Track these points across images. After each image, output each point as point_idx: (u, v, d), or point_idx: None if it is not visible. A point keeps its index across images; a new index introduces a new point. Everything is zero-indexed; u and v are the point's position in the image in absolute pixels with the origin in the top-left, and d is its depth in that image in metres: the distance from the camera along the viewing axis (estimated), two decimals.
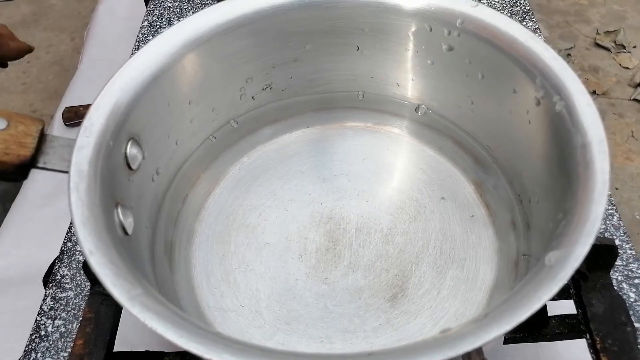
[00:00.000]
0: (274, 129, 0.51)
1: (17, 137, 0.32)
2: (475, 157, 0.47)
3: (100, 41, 0.85)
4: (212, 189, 0.48)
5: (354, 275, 0.42)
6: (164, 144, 0.43)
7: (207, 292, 0.42)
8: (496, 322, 0.26)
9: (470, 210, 0.45)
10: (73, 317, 0.47)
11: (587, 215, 0.30)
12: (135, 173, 0.39)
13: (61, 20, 1.79)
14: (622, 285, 0.47)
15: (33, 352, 0.45)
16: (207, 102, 0.46)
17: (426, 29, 0.44)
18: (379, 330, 0.40)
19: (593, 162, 0.32)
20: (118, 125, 0.37)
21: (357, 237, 0.44)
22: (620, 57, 1.54)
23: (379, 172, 0.48)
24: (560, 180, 0.35)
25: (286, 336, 0.40)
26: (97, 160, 0.34)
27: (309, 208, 0.46)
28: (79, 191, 0.32)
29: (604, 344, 0.40)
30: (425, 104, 0.49)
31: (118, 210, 0.35)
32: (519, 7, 0.71)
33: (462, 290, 0.41)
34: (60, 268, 0.50)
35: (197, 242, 0.45)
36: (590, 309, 0.42)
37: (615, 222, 0.50)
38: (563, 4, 1.73)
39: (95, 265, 0.28)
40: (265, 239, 0.45)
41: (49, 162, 0.34)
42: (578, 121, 0.34)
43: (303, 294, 0.42)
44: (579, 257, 0.28)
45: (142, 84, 0.39)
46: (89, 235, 0.30)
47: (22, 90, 1.58)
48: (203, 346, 0.25)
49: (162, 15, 0.76)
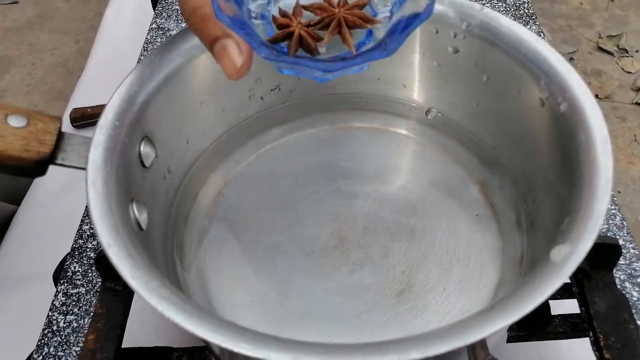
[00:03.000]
0: (282, 129, 0.52)
1: (36, 135, 0.33)
2: (481, 158, 0.48)
3: (106, 43, 0.86)
4: (222, 188, 0.49)
5: (361, 272, 0.43)
6: (175, 143, 0.44)
7: (217, 288, 0.43)
8: (502, 313, 0.27)
9: (476, 210, 0.46)
10: (84, 312, 0.48)
11: (590, 212, 0.31)
12: (148, 171, 0.40)
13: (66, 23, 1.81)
14: (625, 284, 0.47)
15: (46, 346, 0.46)
16: (218, 102, 0.47)
17: (432, 32, 0.45)
18: (386, 326, 0.40)
19: (597, 160, 0.33)
20: (133, 124, 0.38)
21: (364, 235, 0.45)
22: (623, 62, 1.55)
23: (386, 172, 0.49)
24: (564, 180, 0.36)
25: (295, 331, 0.41)
26: (113, 158, 0.35)
27: (317, 207, 0.47)
28: (96, 187, 0.33)
29: (607, 341, 0.41)
30: (432, 106, 0.50)
31: (133, 206, 0.36)
32: (523, 11, 0.72)
33: (467, 288, 0.42)
34: (71, 264, 0.51)
35: (207, 240, 0.46)
36: (593, 307, 0.43)
37: (618, 222, 0.51)
38: (566, 8, 1.74)
39: (113, 257, 0.29)
40: (274, 237, 0.46)
41: (67, 159, 0.35)
42: (582, 121, 0.35)
43: (311, 291, 0.42)
44: (582, 252, 0.29)
45: (156, 84, 0.40)
46: (106, 229, 0.31)
47: (27, 92, 1.59)
48: (221, 335, 0.26)
49: (171, 17, 0.77)
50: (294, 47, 0.33)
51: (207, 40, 0.32)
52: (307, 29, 0.33)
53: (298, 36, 0.32)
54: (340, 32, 0.33)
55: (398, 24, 0.33)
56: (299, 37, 0.32)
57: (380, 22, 0.34)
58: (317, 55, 0.33)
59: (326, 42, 0.33)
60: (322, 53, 0.33)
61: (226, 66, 0.32)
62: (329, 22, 0.33)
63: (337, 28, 0.33)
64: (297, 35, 0.32)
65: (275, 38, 0.33)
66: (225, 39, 0.31)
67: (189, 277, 0.43)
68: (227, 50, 0.31)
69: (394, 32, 0.32)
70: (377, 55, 0.31)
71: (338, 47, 0.34)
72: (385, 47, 0.31)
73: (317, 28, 0.33)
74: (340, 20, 0.33)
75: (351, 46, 0.33)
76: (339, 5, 0.33)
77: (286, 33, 0.33)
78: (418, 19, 0.31)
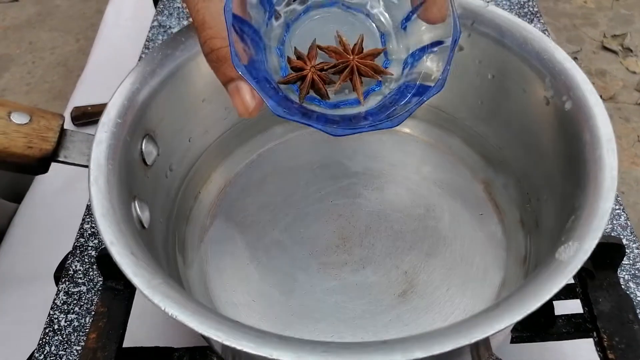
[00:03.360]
0: (285, 128, 0.51)
1: (39, 131, 0.33)
2: (485, 157, 0.48)
3: (107, 42, 0.86)
4: (224, 187, 0.49)
5: (364, 271, 0.43)
6: (177, 141, 0.44)
7: (219, 287, 0.43)
8: (507, 312, 0.26)
9: (480, 209, 0.46)
10: (86, 311, 0.48)
11: (595, 210, 0.31)
12: (150, 169, 0.40)
13: (66, 21, 1.80)
14: (629, 284, 0.47)
15: (47, 345, 0.46)
16: (220, 100, 0.47)
17: None
18: (389, 326, 0.40)
19: (602, 159, 0.33)
20: (135, 121, 0.38)
21: (367, 234, 0.45)
22: (627, 61, 1.55)
23: (389, 170, 0.49)
24: (569, 178, 0.36)
25: (297, 331, 0.41)
26: (115, 155, 0.35)
27: (320, 206, 0.47)
28: (98, 184, 0.32)
29: (611, 341, 0.41)
30: (436, 104, 0.49)
31: (135, 204, 0.36)
32: (527, 9, 0.72)
33: (471, 287, 0.42)
34: (72, 263, 0.51)
35: (209, 239, 0.46)
36: (597, 307, 0.43)
37: (622, 222, 0.51)
38: (570, 7, 1.73)
39: (116, 255, 0.29)
40: (276, 236, 0.45)
41: (69, 156, 0.35)
42: (587, 120, 0.35)
43: (313, 290, 0.42)
44: (587, 250, 0.29)
45: (157, 81, 0.40)
46: (109, 226, 0.30)
47: (27, 90, 1.59)
48: (224, 333, 0.26)
49: (172, 15, 0.77)
50: (306, 90, 0.33)
51: (223, 80, 0.33)
52: (320, 73, 0.33)
53: (311, 80, 0.33)
54: (352, 79, 0.34)
55: (409, 86, 0.33)
56: (312, 80, 0.33)
57: (391, 74, 0.35)
58: (326, 99, 0.34)
59: (337, 89, 0.34)
60: (330, 98, 0.34)
61: (238, 106, 0.32)
62: (343, 69, 0.34)
63: (349, 76, 0.34)
64: (310, 78, 0.33)
65: (288, 80, 0.34)
66: (240, 82, 0.32)
67: (191, 275, 0.43)
68: (240, 93, 0.32)
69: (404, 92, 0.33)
70: (385, 125, 0.32)
71: (344, 92, 0.35)
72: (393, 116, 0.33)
73: (330, 72, 0.34)
74: (354, 67, 0.34)
75: (360, 95, 0.34)
76: (354, 53, 0.34)
77: (299, 76, 0.33)
78: (429, 92, 0.32)
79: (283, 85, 0.34)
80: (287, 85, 0.34)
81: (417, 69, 0.34)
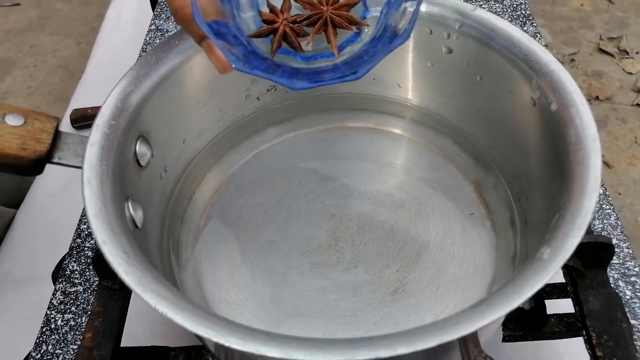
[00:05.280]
0: (278, 129, 0.52)
1: (33, 133, 0.34)
2: (475, 157, 0.48)
3: (107, 45, 0.87)
4: (218, 188, 0.49)
5: (355, 270, 0.44)
6: (172, 142, 0.45)
7: (213, 286, 0.44)
8: (491, 308, 0.27)
9: (470, 209, 0.47)
10: (82, 311, 0.48)
11: (579, 209, 0.31)
12: (144, 170, 0.41)
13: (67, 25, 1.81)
14: (618, 283, 0.48)
15: (44, 344, 0.46)
16: (214, 102, 0.47)
17: (426, 32, 0.45)
18: (380, 324, 0.41)
19: (586, 159, 0.33)
20: (129, 123, 0.38)
21: (358, 234, 0.45)
22: (624, 63, 1.55)
23: (381, 171, 0.50)
24: (555, 178, 0.36)
25: (289, 329, 0.41)
26: (109, 156, 0.36)
27: (312, 206, 0.48)
28: (91, 185, 0.33)
29: (599, 339, 0.41)
30: (426, 105, 0.50)
31: (128, 204, 0.36)
32: (520, 12, 0.72)
33: (461, 286, 0.42)
34: (69, 263, 0.51)
35: (203, 239, 0.46)
36: (586, 305, 0.43)
37: (612, 222, 0.51)
38: (567, 10, 1.74)
39: (108, 254, 0.30)
40: (270, 236, 0.46)
41: (63, 157, 0.35)
42: (572, 120, 0.36)
43: (306, 289, 0.43)
44: (570, 248, 0.29)
45: (151, 84, 0.41)
46: (101, 226, 0.31)
47: (28, 93, 1.60)
48: (211, 330, 0.26)
49: (169, 18, 0.77)
50: (277, 43, 0.33)
51: (195, 39, 0.33)
52: (292, 26, 0.33)
53: (282, 33, 0.33)
54: (326, 32, 0.34)
55: (382, 37, 0.33)
56: (284, 33, 0.33)
57: (367, 25, 0.34)
58: (300, 52, 0.33)
59: (310, 41, 0.34)
60: (305, 50, 0.33)
61: (215, 62, 0.33)
62: (316, 20, 0.33)
63: (323, 27, 0.34)
64: (282, 31, 0.33)
65: (260, 33, 0.33)
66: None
67: (185, 275, 0.44)
68: (213, 50, 0.32)
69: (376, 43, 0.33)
70: (349, 78, 0.32)
71: (322, 44, 0.34)
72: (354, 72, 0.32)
73: (304, 25, 0.34)
74: (327, 19, 0.33)
75: (334, 47, 0.34)
76: (328, 4, 0.34)
77: (270, 29, 0.33)
78: (395, 41, 0.32)
79: (257, 39, 0.33)
80: (262, 39, 0.34)
81: (391, 20, 0.34)
